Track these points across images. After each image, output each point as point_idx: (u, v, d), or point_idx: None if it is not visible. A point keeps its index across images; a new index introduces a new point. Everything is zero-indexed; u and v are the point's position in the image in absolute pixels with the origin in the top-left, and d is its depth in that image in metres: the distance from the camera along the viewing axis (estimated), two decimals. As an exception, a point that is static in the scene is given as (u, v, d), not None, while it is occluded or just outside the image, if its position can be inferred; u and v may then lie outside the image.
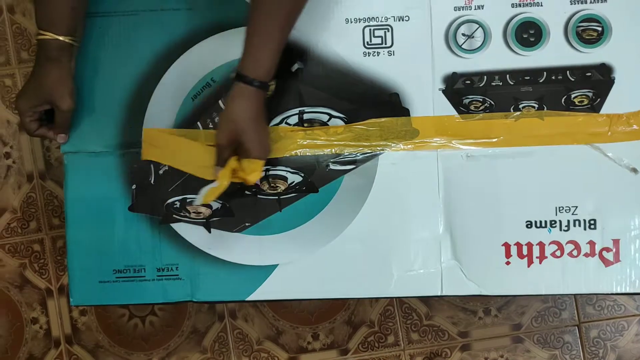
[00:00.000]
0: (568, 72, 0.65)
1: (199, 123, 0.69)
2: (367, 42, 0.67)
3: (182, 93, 0.69)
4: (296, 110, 0.67)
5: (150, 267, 0.69)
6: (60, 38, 0.63)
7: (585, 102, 0.65)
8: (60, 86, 0.65)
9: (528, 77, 0.65)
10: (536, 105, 0.65)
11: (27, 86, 0.65)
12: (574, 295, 0.88)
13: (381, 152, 0.67)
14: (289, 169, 0.68)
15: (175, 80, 0.69)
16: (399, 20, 0.67)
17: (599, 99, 0.65)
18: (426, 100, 0.66)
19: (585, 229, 0.65)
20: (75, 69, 0.67)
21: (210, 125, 0.68)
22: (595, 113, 0.65)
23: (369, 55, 0.67)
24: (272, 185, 0.68)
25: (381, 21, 0.67)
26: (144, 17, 0.69)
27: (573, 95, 0.65)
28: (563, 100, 0.65)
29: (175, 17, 0.69)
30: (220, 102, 0.68)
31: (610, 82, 0.64)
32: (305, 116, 0.67)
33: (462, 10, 0.66)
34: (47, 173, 0.93)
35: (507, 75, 0.66)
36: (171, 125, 0.69)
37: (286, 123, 0.68)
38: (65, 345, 0.93)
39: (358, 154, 0.67)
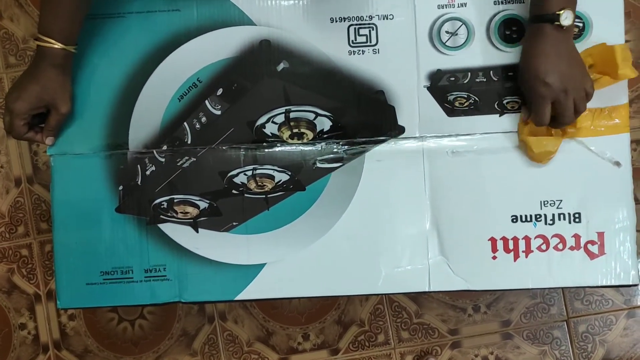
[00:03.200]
0: (550, 67, 0.66)
1: (185, 124, 0.69)
2: (352, 41, 0.68)
3: (169, 94, 0.69)
4: (282, 110, 0.68)
5: (137, 268, 0.69)
6: (67, 48, 0.63)
7: (568, 97, 0.66)
8: (64, 91, 0.66)
9: (511, 73, 0.66)
10: (520, 101, 0.66)
11: (26, 89, 0.65)
12: (562, 289, 0.88)
13: (367, 149, 0.67)
14: (276, 168, 0.68)
15: (161, 82, 0.69)
16: (384, 19, 0.67)
17: (581, 94, 0.65)
18: (411, 98, 0.67)
19: (570, 222, 0.66)
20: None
21: (197, 126, 0.69)
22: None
23: (354, 54, 0.67)
24: (259, 184, 0.68)
25: (366, 20, 0.68)
26: (131, 20, 0.69)
27: (556, 91, 0.66)
28: (546, 95, 0.66)
29: (162, 19, 0.69)
30: (206, 102, 0.68)
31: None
32: (292, 115, 0.68)
33: (446, 8, 0.67)
34: (34, 177, 0.92)
35: (491, 72, 0.66)
36: (157, 126, 0.69)
37: (272, 122, 0.68)
38: (54, 351, 0.92)
39: (344, 152, 0.67)
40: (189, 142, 0.69)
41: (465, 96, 0.67)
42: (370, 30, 0.67)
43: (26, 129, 0.67)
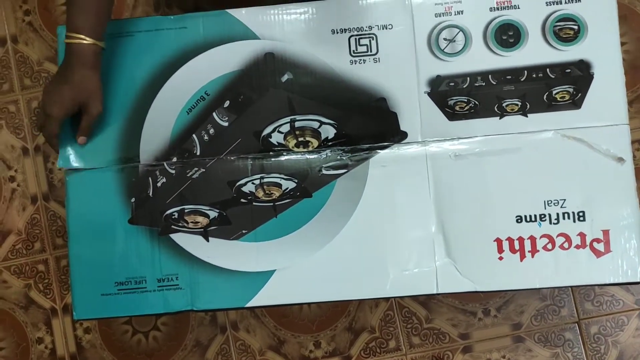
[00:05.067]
0: (548, 69, 0.67)
1: (194, 135, 0.71)
2: (353, 51, 0.70)
3: (178, 107, 0.71)
4: (288, 119, 0.70)
5: (150, 278, 0.70)
6: (97, 42, 0.64)
7: (567, 98, 0.67)
8: (96, 89, 0.66)
9: (510, 77, 0.67)
10: (519, 103, 0.67)
11: (60, 92, 0.65)
12: (571, 291, 0.88)
13: (371, 155, 0.69)
14: (282, 176, 0.70)
15: (170, 96, 0.71)
16: (383, 29, 0.70)
17: (579, 94, 0.67)
18: (413, 104, 0.68)
19: (574, 221, 0.66)
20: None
21: (206, 138, 0.71)
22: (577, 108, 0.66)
23: (355, 63, 0.69)
24: (267, 192, 0.70)
25: (365, 30, 0.70)
26: (140, 38, 0.72)
27: (555, 92, 0.67)
28: (545, 96, 0.67)
29: (170, 36, 0.72)
30: (214, 114, 0.71)
31: (590, 77, 0.66)
32: (297, 124, 0.70)
33: (443, 16, 0.69)
34: (50, 194, 0.95)
35: (490, 76, 0.68)
36: (167, 139, 0.71)
37: (278, 132, 0.70)
38: (71, 364, 0.94)
39: (349, 158, 0.69)
40: (198, 153, 0.71)
41: (465, 100, 0.68)
42: (370, 40, 0.69)
43: (58, 129, 0.68)
